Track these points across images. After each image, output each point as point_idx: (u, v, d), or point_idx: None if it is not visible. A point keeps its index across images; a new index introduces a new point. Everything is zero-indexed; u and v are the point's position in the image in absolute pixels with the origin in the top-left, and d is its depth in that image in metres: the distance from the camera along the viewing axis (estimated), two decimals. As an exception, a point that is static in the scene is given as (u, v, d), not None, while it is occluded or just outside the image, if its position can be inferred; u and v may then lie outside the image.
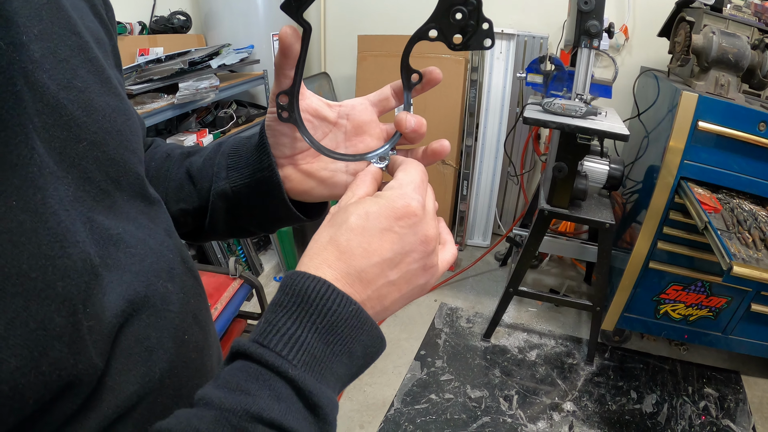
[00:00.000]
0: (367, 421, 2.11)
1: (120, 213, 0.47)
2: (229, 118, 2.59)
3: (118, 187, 0.47)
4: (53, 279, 0.35)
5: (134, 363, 0.43)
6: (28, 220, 0.35)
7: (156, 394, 0.46)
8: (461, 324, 2.72)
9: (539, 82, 2.17)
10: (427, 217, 0.47)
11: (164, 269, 0.50)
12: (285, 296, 0.41)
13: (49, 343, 0.34)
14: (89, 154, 0.43)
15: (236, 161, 0.61)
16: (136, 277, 0.45)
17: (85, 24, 0.48)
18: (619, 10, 2.77)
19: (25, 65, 0.38)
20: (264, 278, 2.98)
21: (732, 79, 1.98)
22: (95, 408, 0.40)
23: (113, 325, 0.41)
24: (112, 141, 0.47)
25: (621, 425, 2.14)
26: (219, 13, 2.80)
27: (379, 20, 3.30)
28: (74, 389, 0.37)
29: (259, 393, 0.37)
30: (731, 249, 1.57)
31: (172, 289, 0.50)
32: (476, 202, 3.31)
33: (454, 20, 0.49)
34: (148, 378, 0.45)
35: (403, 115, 0.53)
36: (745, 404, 2.31)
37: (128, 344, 0.43)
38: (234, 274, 1.89)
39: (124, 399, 0.42)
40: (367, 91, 2.52)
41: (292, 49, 0.50)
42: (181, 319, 0.50)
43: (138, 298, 0.44)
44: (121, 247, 0.45)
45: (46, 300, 0.35)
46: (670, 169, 2.01)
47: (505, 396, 2.26)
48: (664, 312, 2.33)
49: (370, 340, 0.43)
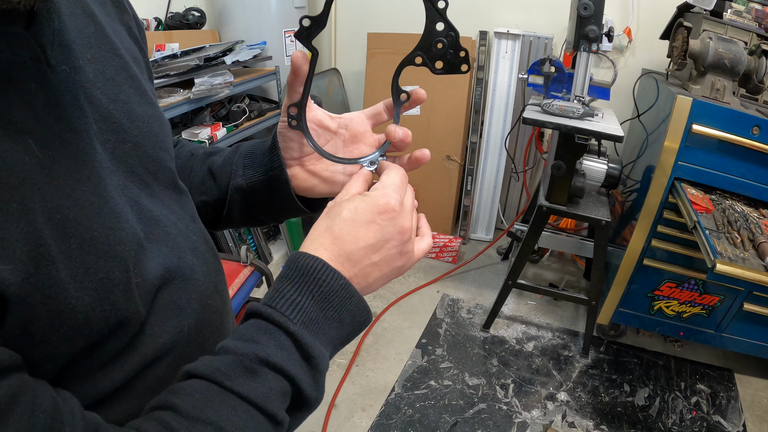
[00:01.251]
0: (369, 404, 2.21)
1: (157, 200, 0.59)
2: (241, 112, 2.67)
3: (155, 179, 0.59)
4: (113, 244, 0.47)
5: (168, 318, 0.55)
6: (96, 201, 0.47)
7: (184, 344, 0.57)
8: (462, 314, 2.80)
9: (540, 84, 2.24)
10: (404, 212, 0.58)
11: (190, 247, 0.61)
12: (290, 270, 0.53)
13: (111, 289, 0.46)
14: (133, 153, 0.55)
15: (252, 161, 0.73)
16: (171, 251, 0.57)
17: (124, 46, 0.59)
18: (623, 12, 2.82)
19: (83, 84, 0.50)
20: (273, 266, 3.07)
21: (728, 84, 2.03)
22: (138, 348, 0.51)
23: (153, 285, 0.52)
24: (150, 142, 0.59)
25: (613, 416, 2.22)
26: (232, 10, 2.87)
27: (388, 18, 3.37)
28: (123, 328, 0.48)
29: (266, 343, 0.49)
30: (717, 248, 1.64)
31: (197, 263, 0.62)
32: (480, 197, 3.39)
33: (436, 49, 0.61)
34: (178, 330, 0.56)
35: (393, 128, 0.65)
36: (737, 402, 2.36)
37: (164, 302, 0.55)
38: (245, 262, 1.98)
39: (160, 345, 0.54)
40: (375, 86, 2.65)
41: (301, 70, 0.62)
42: (205, 287, 0.62)
43: (172, 268, 0.56)
44: (159, 227, 0.57)
45: (109, 258, 0.46)
46: (665, 170, 2.07)
47: (501, 384, 2.35)
48: (658, 308, 2.39)
49: (357, 310, 0.55)
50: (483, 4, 3.12)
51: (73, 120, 0.47)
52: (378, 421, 2.13)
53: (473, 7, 3.13)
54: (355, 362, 2.43)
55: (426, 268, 3.19)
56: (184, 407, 0.46)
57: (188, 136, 2.34)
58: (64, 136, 0.46)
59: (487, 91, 3.11)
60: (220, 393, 0.47)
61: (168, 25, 2.65)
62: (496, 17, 3.11)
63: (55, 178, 0.43)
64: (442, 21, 0.59)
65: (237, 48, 2.63)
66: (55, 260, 0.41)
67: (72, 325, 0.43)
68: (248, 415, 0.47)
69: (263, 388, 0.48)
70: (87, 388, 0.48)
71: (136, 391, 0.53)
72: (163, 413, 0.47)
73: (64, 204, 0.43)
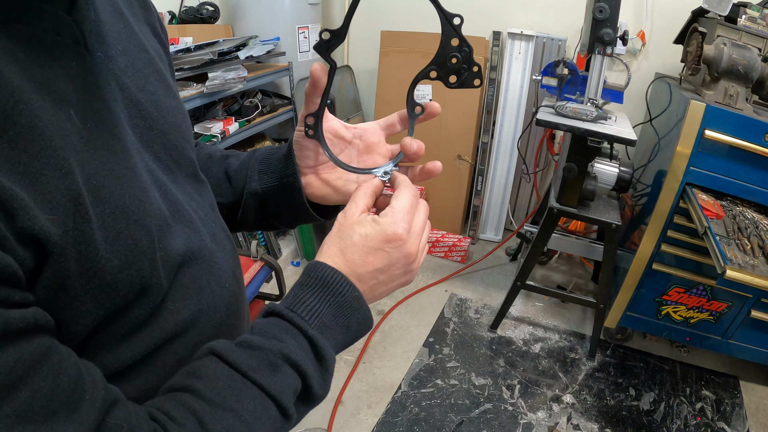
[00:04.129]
0: (375, 402, 2.22)
1: (180, 186, 0.63)
2: (254, 108, 2.68)
3: (178, 167, 0.63)
4: (142, 215, 0.50)
5: (189, 295, 0.58)
6: (128, 174, 0.50)
7: (203, 324, 0.61)
8: (470, 314, 2.81)
9: (554, 85, 2.24)
10: (411, 239, 0.62)
11: (210, 233, 0.65)
12: (310, 279, 0.58)
13: (137, 256, 0.49)
14: (158, 140, 0.60)
15: (267, 167, 0.77)
16: (193, 233, 0.61)
17: (149, 43, 0.64)
18: (637, 16, 2.81)
19: (116, 72, 0.54)
20: (282, 261, 3.09)
21: (741, 90, 2.02)
22: (159, 322, 0.54)
23: (176, 261, 0.56)
24: (174, 132, 0.63)
25: (618, 420, 2.22)
26: (246, 5, 2.88)
27: (402, 16, 3.38)
28: (146, 297, 0.51)
29: (288, 341, 0.54)
30: (728, 254, 1.64)
31: (216, 248, 0.65)
32: (490, 197, 3.39)
33: (450, 64, 0.63)
34: (198, 308, 0.60)
35: (408, 140, 0.68)
36: (741, 409, 2.36)
37: (186, 281, 0.58)
38: (255, 257, 1.99)
39: (180, 322, 0.57)
40: (388, 84, 2.66)
41: (320, 81, 0.63)
42: (223, 271, 0.66)
43: (194, 248, 0.60)
44: (182, 210, 0.60)
45: (138, 227, 0.49)
46: (677, 175, 2.07)
47: (507, 385, 2.36)
48: (665, 313, 2.39)
49: (363, 319, 0.61)
50: (497, 4, 3.12)
51: (108, 101, 0.51)
52: (384, 419, 2.14)
53: (487, 7, 3.14)
54: (362, 359, 2.44)
55: (434, 267, 3.20)
56: (207, 392, 0.49)
57: (200, 130, 2.35)
58: (101, 113, 0.50)
59: (499, 92, 3.11)
60: (242, 382, 0.51)
61: (182, 19, 2.67)
62: (510, 18, 3.11)
63: (93, 148, 0.47)
64: (457, 37, 0.61)
65: (250, 43, 2.65)
66: (90, 219, 0.44)
67: (100, 284, 0.45)
68: (265, 406, 0.51)
69: (282, 383, 0.52)
70: (109, 358, 0.50)
71: (155, 367, 0.56)
72: (185, 396, 0.49)
73: (100, 171, 0.47)
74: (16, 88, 0.40)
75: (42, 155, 0.40)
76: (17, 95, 0.40)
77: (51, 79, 0.44)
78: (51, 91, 0.44)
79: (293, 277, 3.01)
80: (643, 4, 2.78)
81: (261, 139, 3.04)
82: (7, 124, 0.38)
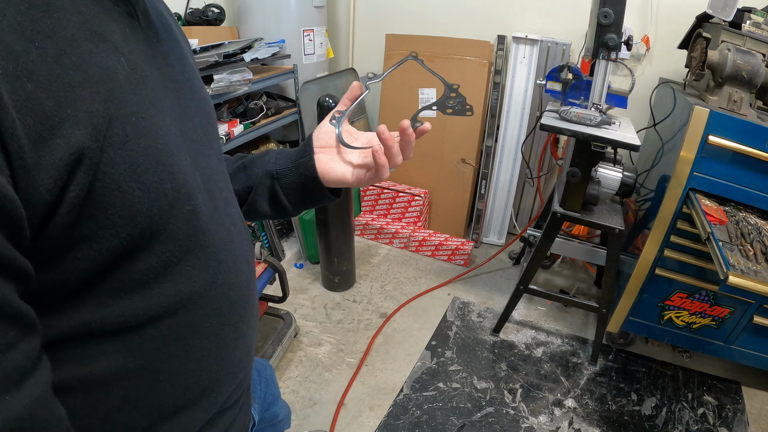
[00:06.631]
0: (377, 404, 2.22)
1: (210, 163, 0.68)
2: (259, 110, 2.69)
3: (210, 146, 0.70)
4: (172, 164, 0.55)
5: (208, 265, 0.63)
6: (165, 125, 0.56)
7: (216, 297, 0.65)
8: (472, 318, 2.81)
9: (558, 90, 2.25)
10: None
11: (229, 216, 0.71)
12: None
13: (159, 196, 0.53)
14: (196, 117, 0.66)
15: (283, 153, 0.91)
16: (216, 209, 0.66)
17: (184, 41, 0.74)
18: (642, 21, 2.82)
19: (164, 51, 0.62)
20: (285, 263, 3.10)
21: (745, 96, 2.03)
22: (174, 281, 0.58)
23: (198, 225, 0.60)
24: (205, 116, 0.70)
25: (619, 425, 2.22)
26: (252, 7, 2.89)
27: (406, 20, 3.39)
28: (161, 244, 0.55)
29: None
30: (730, 260, 1.64)
31: (235, 232, 0.71)
32: (493, 201, 3.40)
33: (448, 105, 0.86)
34: (213, 280, 0.64)
35: (383, 128, 0.82)
36: (743, 414, 2.35)
37: (206, 249, 0.62)
38: (259, 258, 2.00)
39: (195, 288, 0.61)
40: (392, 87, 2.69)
41: (354, 95, 0.88)
42: (239, 253, 0.71)
43: (215, 221, 0.64)
44: (211, 184, 0.66)
45: (166, 172, 0.54)
46: (680, 180, 2.07)
47: (509, 389, 2.36)
48: (668, 318, 2.39)
49: None
50: (502, 8, 3.12)
51: (156, 66, 0.58)
52: (386, 422, 2.14)
53: (492, 11, 3.14)
54: (364, 362, 2.44)
55: (437, 271, 3.20)
56: None
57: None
58: (148, 70, 0.56)
59: (503, 96, 3.11)
60: None
61: (187, 21, 2.67)
62: (515, 22, 3.12)
63: (138, 93, 0.52)
64: (456, 94, 0.86)
65: (256, 45, 2.66)
66: (119, 144, 0.48)
67: (119, 211, 0.49)
68: None
69: None
70: (123, 306, 0.53)
71: (168, 330, 0.59)
72: None
73: (141, 113, 0.51)
74: (70, 35, 0.45)
75: (79, 72, 0.45)
76: (71, 40, 0.45)
77: (107, 32, 0.50)
78: (106, 40, 0.49)
79: (296, 279, 3.02)
80: (647, 9, 2.79)
81: (266, 141, 3.05)
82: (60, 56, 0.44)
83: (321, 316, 2.75)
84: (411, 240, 3.36)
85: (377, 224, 3.43)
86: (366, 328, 2.67)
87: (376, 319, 2.74)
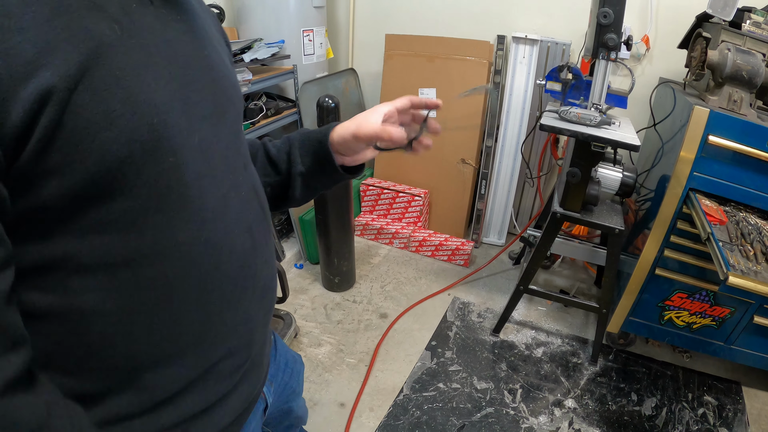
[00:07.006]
0: (377, 405, 2.22)
1: (217, 131, 0.71)
2: (258, 110, 2.69)
3: (221, 118, 0.73)
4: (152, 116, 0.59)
5: (188, 220, 0.65)
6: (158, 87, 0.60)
7: (197, 253, 0.67)
8: (472, 318, 2.81)
9: (558, 90, 2.25)
10: None
11: (237, 183, 0.76)
12: None
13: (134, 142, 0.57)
14: (205, 89, 0.69)
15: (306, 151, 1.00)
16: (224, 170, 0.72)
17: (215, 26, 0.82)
18: (642, 21, 2.81)
19: (179, 28, 0.67)
20: (285, 264, 3.10)
21: (745, 96, 2.02)
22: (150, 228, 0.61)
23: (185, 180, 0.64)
24: (221, 91, 0.73)
25: (619, 425, 2.22)
26: (251, 7, 2.89)
27: (406, 20, 3.39)
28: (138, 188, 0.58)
29: None
30: (730, 260, 1.64)
31: (237, 198, 0.75)
32: (493, 201, 3.39)
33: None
34: (194, 238, 0.66)
35: None
36: (744, 415, 2.35)
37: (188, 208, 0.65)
38: (258, 259, 1.99)
39: (173, 241, 0.64)
40: (392, 87, 2.69)
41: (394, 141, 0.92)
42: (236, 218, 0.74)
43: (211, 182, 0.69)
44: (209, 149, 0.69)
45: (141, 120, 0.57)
46: (680, 180, 2.07)
47: (509, 389, 2.36)
48: (668, 318, 2.39)
49: None
50: (502, 8, 3.12)
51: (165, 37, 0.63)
52: (386, 422, 2.14)
53: (492, 11, 3.14)
54: (367, 363, 2.44)
55: (437, 271, 3.20)
56: None
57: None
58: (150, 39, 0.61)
59: (503, 96, 3.11)
60: None
61: (188, 22, 2.67)
62: (515, 22, 3.12)
63: (127, 55, 0.57)
64: None
65: (255, 46, 2.66)
66: (93, 90, 0.53)
67: (88, 147, 0.53)
68: None
69: None
70: (99, 242, 0.58)
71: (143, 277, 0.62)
72: None
73: (125, 69, 0.56)
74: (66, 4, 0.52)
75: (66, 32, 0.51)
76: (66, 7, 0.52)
77: (106, 4, 0.56)
78: (102, 10, 0.55)
79: (296, 279, 3.02)
80: (647, 9, 2.78)
81: (265, 141, 3.05)
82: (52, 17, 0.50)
83: (321, 316, 2.75)
84: (411, 240, 3.36)
85: (377, 224, 3.43)
86: (366, 328, 2.67)
87: (376, 319, 2.74)
